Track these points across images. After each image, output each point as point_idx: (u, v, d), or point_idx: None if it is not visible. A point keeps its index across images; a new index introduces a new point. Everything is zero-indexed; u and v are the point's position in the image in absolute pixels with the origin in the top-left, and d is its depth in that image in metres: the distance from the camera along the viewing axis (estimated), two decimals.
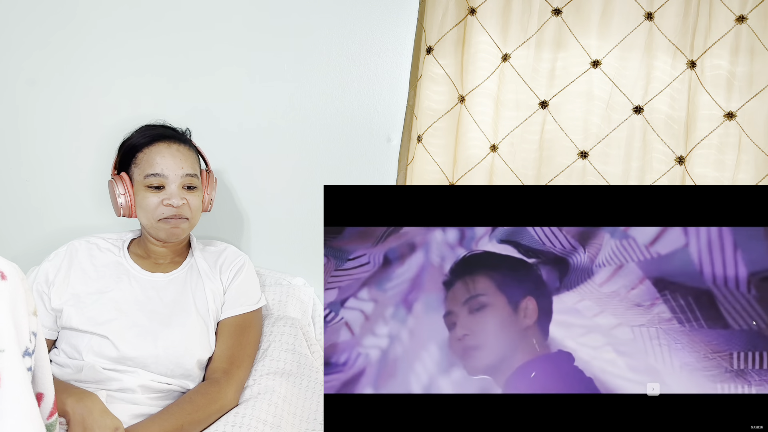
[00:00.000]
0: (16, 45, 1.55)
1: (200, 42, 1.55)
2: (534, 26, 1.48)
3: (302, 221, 1.60)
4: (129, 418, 1.11)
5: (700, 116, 1.45)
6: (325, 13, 1.53)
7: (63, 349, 1.20)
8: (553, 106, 1.50)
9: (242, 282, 1.33)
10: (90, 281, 1.24)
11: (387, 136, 1.57)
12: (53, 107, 1.57)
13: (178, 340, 1.20)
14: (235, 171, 1.60)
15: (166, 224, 1.26)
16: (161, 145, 1.26)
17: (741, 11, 1.41)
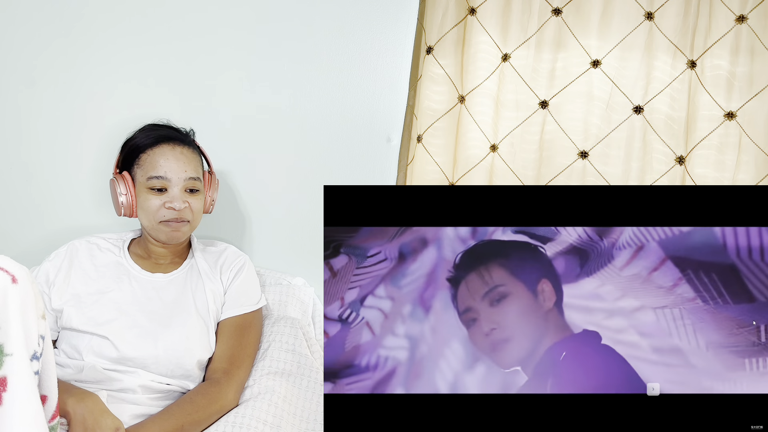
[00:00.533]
0: (17, 46, 1.55)
1: (201, 46, 1.55)
2: (534, 26, 1.48)
3: (302, 221, 1.60)
4: (129, 418, 1.11)
5: (700, 116, 1.45)
6: (325, 14, 1.53)
7: (63, 350, 1.20)
8: (553, 106, 1.49)
9: (242, 282, 1.33)
10: (90, 281, 1.24)
11: (387, 136, 1.57)
12: (54, 108, 1.57)
13: (178, 341, 1.20)
14: (236, 171, 1.59)
15: (167, 227, 1.26)
16: (165, 147, 1.26)
17: (741, 11, 1.41)
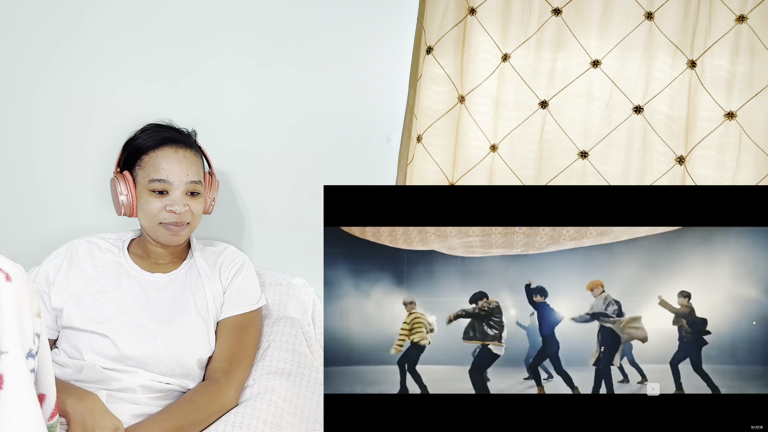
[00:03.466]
0: (17, 45, 1.55)
1: (202, 43, 1.55)
2: (534, 26, 1.48)
3: (302, 221, 1.60)
4: (129, 417, 1.11)
5: (700, 116, 1.44)
6: (325, 14, 1.53)
7: (63, 349, 1.20)
8: (553, 106, 1.49)
9: (242, 282, 1.33)
10: (90, 281, 1.25)
11: (387, 136, 1.57)
12: (55, 107, 1.57)
13: (178, 339, 1.20)
14: (236, 171, 1.60)
15: (167, 230, 1.26)
16: (168, 149, 1.26)
17: (741, 11, 1.41)
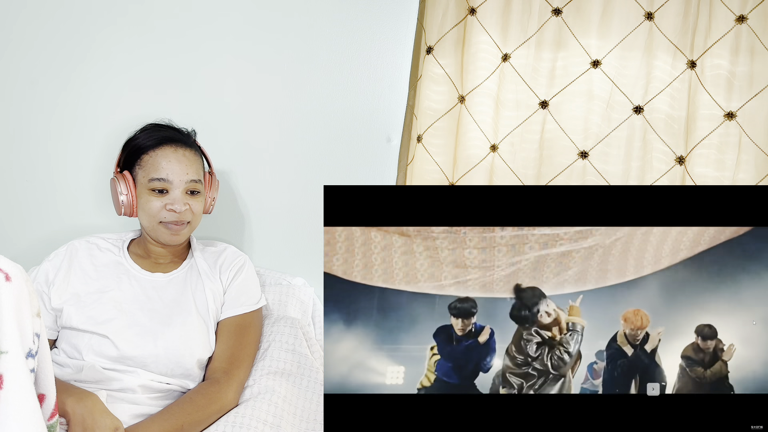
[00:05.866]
0: (17, 45, 1.55)
1: (202, 45, 1.56)
2: (534, 26, 1.48)
3: (302, 221, 1.60)
4: (129, 418, 1.11)
5: (700, 116, 1.44)
6: (325, 14, 1.53)
7: (63, 349, 1.20)
8: (553, 106, 1.49)
9: (242, 282, 1.33)
10: (90, 281, 1.24)
11: (387, 136, 1.57)
12: (55, 107, 1.57)
13: (178, 339, 1.20)
14: (236, 171, 1.60)
15: (167, 229, 1.26)
16: (167, 149, 1.26)
17: (741, 11, 1.41)
